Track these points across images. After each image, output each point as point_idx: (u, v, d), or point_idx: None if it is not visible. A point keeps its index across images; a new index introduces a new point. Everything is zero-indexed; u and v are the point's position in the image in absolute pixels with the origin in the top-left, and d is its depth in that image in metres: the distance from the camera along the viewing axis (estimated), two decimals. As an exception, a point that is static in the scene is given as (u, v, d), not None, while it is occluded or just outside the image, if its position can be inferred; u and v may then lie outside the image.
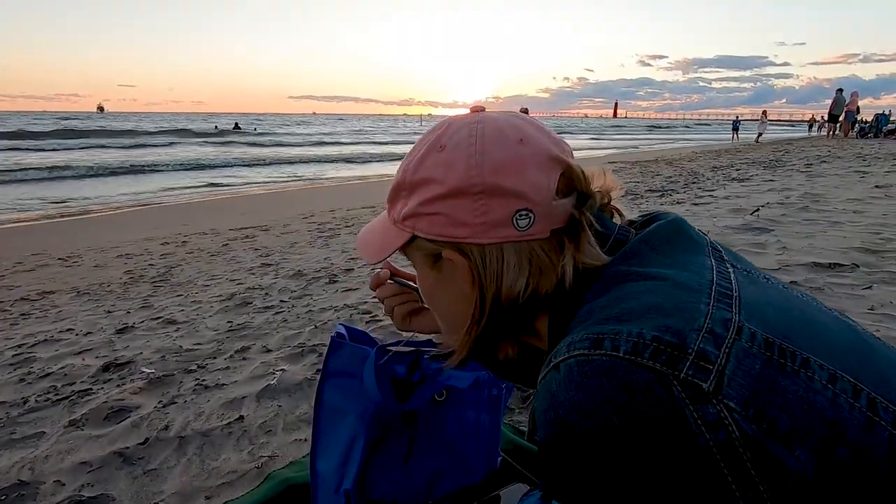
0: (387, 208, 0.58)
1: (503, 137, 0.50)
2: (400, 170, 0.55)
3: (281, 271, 3.38)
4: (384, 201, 0.58)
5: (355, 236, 4.67)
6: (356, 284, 2.84)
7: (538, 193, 0.49)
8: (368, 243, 0.59)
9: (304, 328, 2.18)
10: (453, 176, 0.49)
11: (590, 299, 0.46)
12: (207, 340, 2.16)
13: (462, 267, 0.51)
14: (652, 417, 0.35)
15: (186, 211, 7.42)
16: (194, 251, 4.43)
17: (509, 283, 0.50)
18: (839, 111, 16.34)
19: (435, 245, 0.52)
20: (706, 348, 0.37)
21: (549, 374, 0.41)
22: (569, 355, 0.40)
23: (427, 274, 0.56)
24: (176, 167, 13.70)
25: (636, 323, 0.39)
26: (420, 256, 0.55)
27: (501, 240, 0.49)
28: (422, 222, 0.52)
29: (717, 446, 0.34)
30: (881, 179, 5.48)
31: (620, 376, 0.36)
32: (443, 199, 0.50)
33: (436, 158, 0.51)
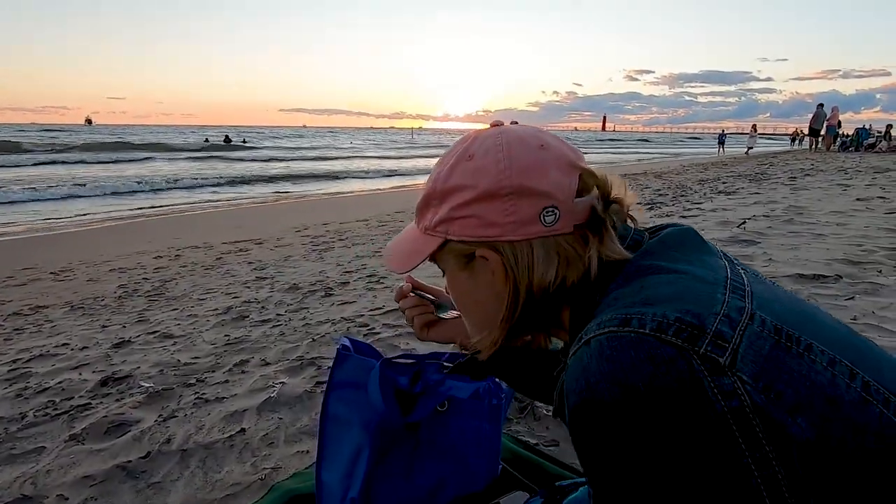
0: (415, 220, 0.63)
1: (526, 144, 0.55)
2: (429, 182, 0.59)
3: (276, 285, 3.40)
4: (410, 211, 0.64)
5: (349, 249, 4.72)
6: (352, 297, 2.87)
7: (561, 192, 0.54)
8: (398, 253, 0.63)
9: (302, 341, 2.20)
10: (484, 181, 0.54)
11: (614, 289, 0.50)
12: (205, 354, 2.18)
13: (495, 263, 0.55)
14: (674, 386, 0.39)
15: (177, 225, 7.40)
16: (188, 265, 4.43)
17: (540, 274, 0.54)
18: (819, 125, 16.79)
19: (467, 246, 0.56)
20: (722, 329, 0.42)
21: (580, 350, 0.45)
22: (599, 332, 0.44)
23: (459, 275, 0.60)
24: (155, 186, 12.70)
25: (660, 307, 0.43)
26: (452, 259, 0.59)
27: (530, 236, 0.54)
28: (454, 226, 0.56)
29: (730, 412, 0.39)
30: (862, 192, 5.63)
31: (646, 350, 0.41)
32: (474, 202, 0.54)
33: (465, 167, 0.56)
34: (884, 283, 2.33)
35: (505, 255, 0.54)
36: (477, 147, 0.56)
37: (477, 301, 0.61)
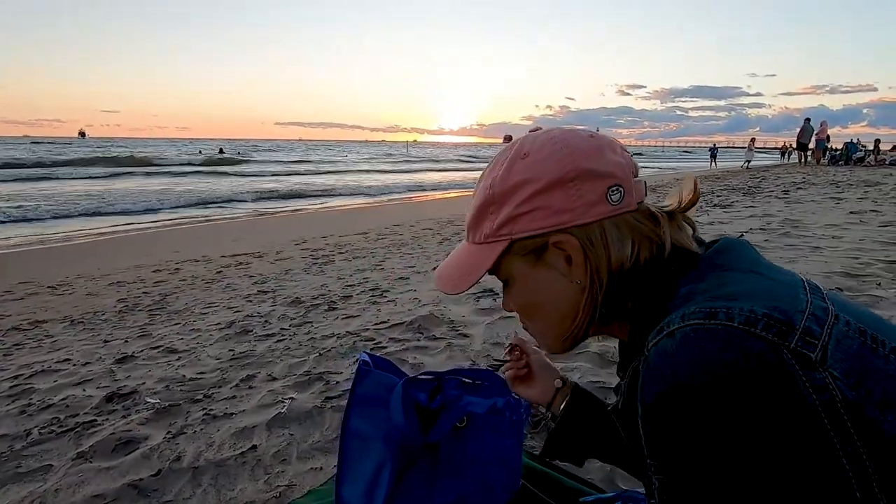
0: (469, 236, 0.62)
1: (577, 134, 0.58)
2: (481, 193, 0.60)
3: (278, 298, 3.39)
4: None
5: (349, 263, 4.73)
6: (356, 311, 2.87)
7: (621, 171, 0.56)
8: (454, 273, 0.62)
9: (308, 356, 2.19)
10: (547, 171, 0.55)
11: (687, 283, 0.51)
12: (211, 369, 2.16)
13: (573, 247, 0.55)
14: (764, 378, 0.40)
15: (175, 238, 7.37)
16: (188, 278, 4.41)
17: (616, 251, 0.55)
18: (807, 139, 17.08)
19: (538, 238, 0.56)
20: (811, 326, 0.42)
21: (661, 341, 0.45)
22: (684, 324, 0.44)
23: (529, 274, 0.59)
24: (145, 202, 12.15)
25: (746, 302, 0.43)
26: (519, 261, 0.58)
27: (600, 216, 0.55)
28: (520, 223, 0.56)
29: (822, 405, 0.39)
30: (855, 206, 5.71)
31: (735, 342, 0.41)
32: (540, 193, 0.55)
33: (523, 164, 0.57)
34: (883, 295, 2.36)
35: (580, 238, 0.55)
36: (529, 145, 0.58)
37: (551, 299, 0.59)
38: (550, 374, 0.95)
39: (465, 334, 2.31)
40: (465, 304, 2.79)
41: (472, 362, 1.99)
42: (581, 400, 0.92)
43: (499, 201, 0.58)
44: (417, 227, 6.98)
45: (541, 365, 0.95)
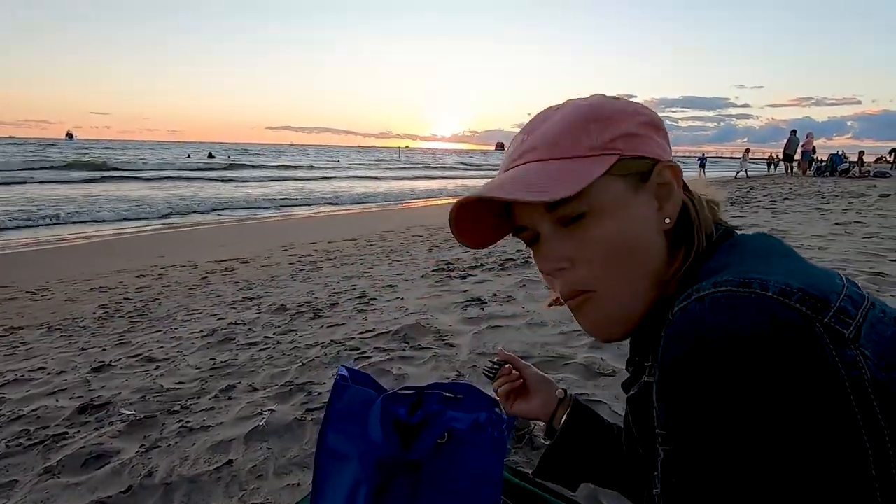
0: (545, 152, 0.53)
1: None
2: (572, 111, 0.54)
3: (263, 306, 3.33)
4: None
5: (337, 269, 4.68)
6: (341, 319, 2.82)
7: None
8: (547, 180, 0.50)
9: (291, 365, 2.15)
10: (644, 112, 0.56)
11: (720, 254, 0.51)
12: (190, 379, 2.11)
13: (675, 177, 0.54)
14: (793, 347, 0.39)
15: (161, 242, 7.27)
16: (172, 284, 4.33)
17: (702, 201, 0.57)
18: (793, 151, 17.37)
19: (648, 161, 0.54)
20: (846, 307, 0.42)
21: (691, 304, 0.43)
22: (716, 290, 0.43)
23: (628, 201, 0.52)
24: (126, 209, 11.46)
25: (781, 276, 0.43)
26: (620, 183, 0.52)
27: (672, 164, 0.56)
28: (634, 143, 0.53)
29: (850, 381, 0.38)
30: (840, 217, 5.78)
31: (768, 310, 0.40)
32: (647, 125, 0.55)
33: (622, 101, 0.57)
34: (869, 307, 2.37)
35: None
36: (610, 97, 0.58)
37: (643, 237, 0.52)
38: (548, 386, 0.89)
39: (451, 344, 2.28)
40: (453, 313, 2.76)
41: (458, 373, 1.96)
42: (582, 414, 0.87)
43: (606, 119, 0.53)
44: (407, 233, 6.95)
45: (536, 378, 0.90)
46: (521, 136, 0.56)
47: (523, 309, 2.74)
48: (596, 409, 1.66)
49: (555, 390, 0.88)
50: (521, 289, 3.17)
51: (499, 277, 3.59)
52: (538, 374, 0.91)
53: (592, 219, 0.51)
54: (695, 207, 0.55)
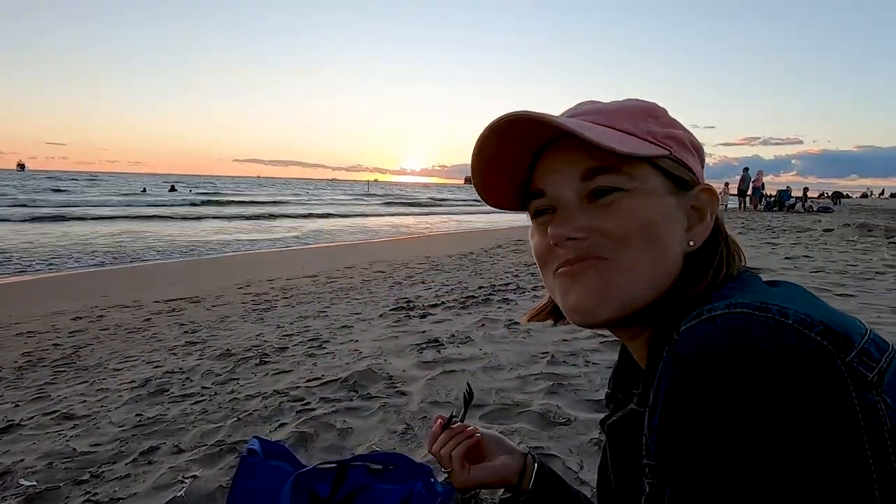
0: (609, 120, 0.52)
1: None
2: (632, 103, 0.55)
3: (207, 350, 3.11)
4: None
5: (293, 309, 4.49)
6: (289, 365, 2.65)
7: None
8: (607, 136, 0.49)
9: (226, 420, 1.97)
10: (692, 136, 0.56)
11: (734, 285, 0.48)
12: (109, 440, 1.89)
13: (712, 204, 0.53)
14: (812, 380, 0.35)
15: (109, 280, 6.87)
16: (110, 328, 4.03)
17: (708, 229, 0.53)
18: (746, 187, 18.33)
19: (692, 175, 0.53)
20: (870, 349, 0.39)
21: (700, 323, 0.40)
22: (730, 311, 0.39)
23: (662, 199, 0.51)
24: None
25: (802, 307, 0.39)
26: (658, 181, 0.51)
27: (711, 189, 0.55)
28: (682, 151, 0.53)
29: (866, 428, 0.35)
30: (789, 251, 6.01)
31: (786, 338, 0.37)
32: (693, 146, 0.55)
33: (669, 118, 0.57)
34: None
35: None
36: (658, 107, 0.58)
37: (666, 234, 0.50)
38: (506, 447, 0.80)
39: (402, 392, 2.15)
40: (408, 357, 2.63)
41: (407, 426, 1.83)
42: (549, 482, 0.78)
43: (663, 119, 0.55)
44: (370, 269, 6.81)
45: (492, 438, 0.81)
46: (576, 108, 0.57)
47: (480, 351, 2.64)
48: (549, 463, 1.55)
49: (514, 452, 0.80)
50: (480, 329, 3.09)
51: (458, 316, 3.50)
52: (493, 433, 0.83)
53: (626, 197, 0.49)
54: (724, 245, 0.53)
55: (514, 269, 5.74)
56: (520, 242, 9.12)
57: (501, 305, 3.76)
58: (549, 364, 2.37)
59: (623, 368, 0.62)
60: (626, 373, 0.61)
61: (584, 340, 2.75)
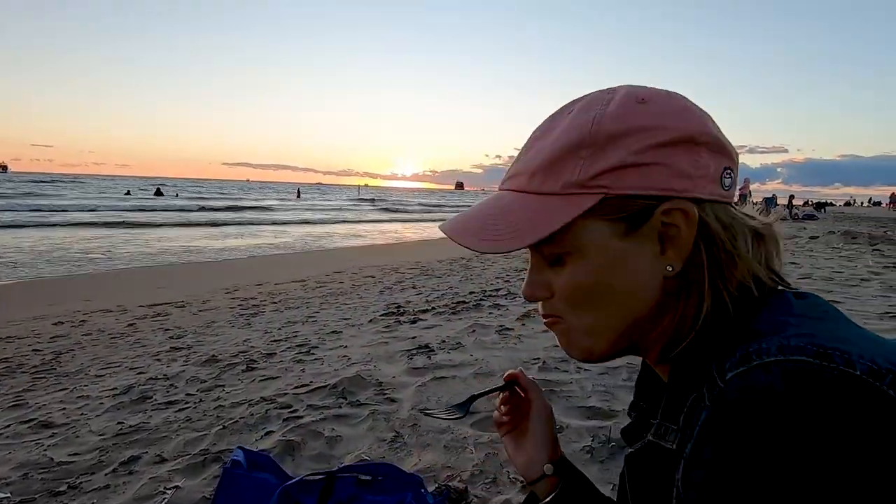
0: (527, 182, 0.47)
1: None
2: (572, 128, 0.46)
3: (192, 356, 3.05)
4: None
5: (281, 314, 4.45)
6: (276, 372, 2.60)
7: (735, 152, 0.48)
8: (501, 225, 0.46)
9: (210, 429, 1.91)
10: (677, 124, 0.45)
11: (770, 314, 0.42)
12: (88, 449, 1.83)
13: (688, 221, 0.44)
14: (889, 442, 0.32)
15: (92, 284, 6.74)
16: (93, 332, 3.94)
17: (727, 243, 0.45)
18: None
19: (644, 201, 0.44)
20: None
21: (753, 371, 0.36)
22: (785, 358, 0.36)
23: (611, 247, 0.45)
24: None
25: (863, 349, 0.36)
26: (604, 226, 0.45)
27: (715, 198, 0.45)
28: (629, 177, 0.44)
29: None
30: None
31: (857, 394, 0.33)
32: (663, 147, 0.44)
33: (644, 109, 0.45)
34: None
35: (703, 210, 0.44)
36: (644, 93, 0.47)
37: (628, 284, 0.46)
38: (544, 441, 0.66)
39: (392, 399, 2.11)
40: (398, 363, 2.60)
41: (396, 433, 1.79)
42: (578, 484, 0.66)
43: (602, 144, 0.44)
44: (360, 274, 6.76)
45: (540, 419, 0.67)
46: (529, 141, 0.51)
47: (471, 357, 2.62)
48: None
49: (546, 451, 0.66)
50: (471, 334, 3.06)
51: (449, 322, 3.47)
52: (544, 413, 0.67)
53: (570, 260, 0.47)
54: (716, 259, 0.45)
55: (505, 274, 5.73)
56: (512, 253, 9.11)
57: (492, 311, 3.74)
58: (540, 370, 2.35)
59: (647, 375, 0.59)
60: (649, 380, 0.58)
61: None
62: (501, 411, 0.68)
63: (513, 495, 1.39)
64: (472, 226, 0.48)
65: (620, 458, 1.58)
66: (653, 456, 0.47)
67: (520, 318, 3.45)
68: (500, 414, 0.69)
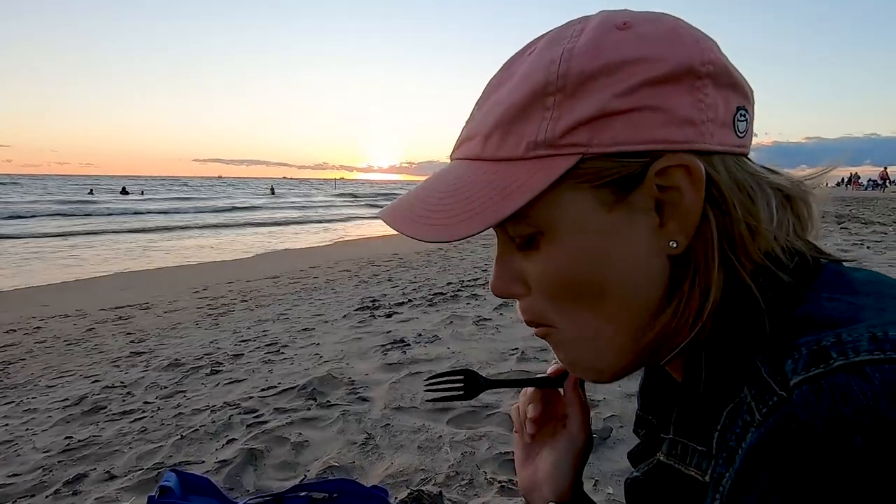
0: (480, 147, 0.36)
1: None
2: (537, 69, 0.34)
3: (153, 361, 2.88)
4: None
5: (251, 312, 4.28)
6: (243, 374, 2.46)
7: (748, 86, 0.37)
8: (450, 204, 0.35)
9: (167, 439, 1.78)
10: (675, 51, 0.33)
11: (832, 293, 0.31)
12: (30, 468, 1.68)
13: (694, 182, 0.33)
14: None
15: (50, 288, 6.40)
16: (47, 339, 3.71)
17: (746, 207, 0.34)
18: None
19: (634, 160, 0.33)
20: None
21: (836, 376, 0.25)
22: (885, 357, 0.25)
23: (595, 222, 0.34)
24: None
25: None
26: (585, 196, 0.34)
27: (727, 148, 0.34)
28: (611, 129, 0.33)
29: None
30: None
31: None
32: (656, 84, 0.33)
33: (625, 37, 0.34)
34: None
35: (711, 166, 0.33)
36: (625, 16, 0.35)
37: (625, 271, 0.35)
38: (561, 473, 0.50)
39: (364, 398, 2.00)
40: (371, 359, 2.49)
41: (368, 435, 1.69)
42: None
43: (574, 88, 0.33)
44: (335, 269, 6.59)
45: (569, 448, 0.51)
46: (482, 95, 0.39)
47: (448, 350, 2.53)
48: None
49: (571, 480, 0.50)
50: (448, 326, 2.97)
51: (426, 314, 3.38)
52: (580, 434, 0.51)
53: (544, 243, 0.36)
54: (727, 229, 0.34)
55: (483, 263, 5.66)
56: (487, 238, 9.05)
57: (470, 301, 3.66)
58: (518, 361, 2.27)
59: (654, 379, 0.47)
60: (658, 385, 0.47)
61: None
62: (529, 413, 0.51)
63: (490, 497, 1.30)
64: (416, 208, 0.37)
65: (600, 450, 1.51)
66: (666, 482, 0.36)
67: (497, 307, 3.38)
68: (522, 415, 0.53)
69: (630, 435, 1.60)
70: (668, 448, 0.36)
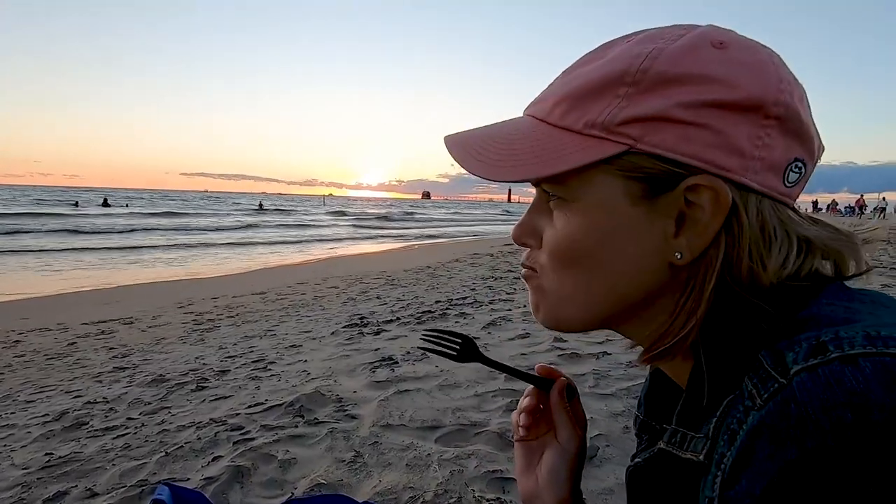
0: (548, 112, 0.40)
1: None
2: (619, 57, 0.37)
3: (137, 377, 2.84)
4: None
5: (238, 328, 4.24)
6: (229, 391, 2.44)
7: (816, 143, 0.38)
8: (505, 151, 0.39)
9: (151, 456, 1.75)
10: (750, 84, 0.35)
11: (831, 299, 0.34)
12: (7, 486, 1.64)
13: (718, 206, 0.35)
14: None
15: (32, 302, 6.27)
16: (27, 354, 3.63)
17: (764, 254, 0.35)
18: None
19: (672, 168, 0.35)
20: None
21: (832, 366, 0.28)
22: (878, 351, 0.28)
23: (617, 210, 0.37)
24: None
25: None
26: (617, 183, 0.37)
27: (767, 191, 0.36)
28: (664, 132, 0.35)
29: None
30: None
31: None
32: (722, 107, 0.35)
33: (717, 55, 0.36)
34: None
35: (737, 199, 0.35)
36: (723, 35, 0.37)
37: (625, 260, 0.38)
38: (558, 480, 0.51)
39: (352, 415, 2.00)
40: (359, 376, 2.49)
41: (356, 453, 1.69)
42: None
43: (648, 85, 0.36)
44: (323, 285, 6.57)
45: (563, 454, 0.52)
46: (575, 63, 0.42)
47: (436, 368, 2.53)
48: (508, 486, 1.45)
49: (569, 487, 0.52)
50: (437, 344, 2.98)
51: (414, 332, 3.38)
52: (572, 440, 0.52)
53: (568, 209, 0.39)
54: (731, 260, 0.36)
55: (471, 282, 5.69)
56: (476, 256, 9.10)
57: (458, 320, 3.67)
58: (507, 380, 2.29)
59: (658, 387, 0.49)
60: (662, 392, 0.48)
61: (542, 354, 2.69)
62: (523, 403, 0.54)
63: (479, 516, 1.31)
64: (473, 142, 0.42)
65: (586, 469, 1.52)
66: (665, 468, 0.39)
67: (485, 326, 3.39)
68: (517, 417, 0.55)
69: (617, 454, 1.62)
70: (669, 437, 0.39)
